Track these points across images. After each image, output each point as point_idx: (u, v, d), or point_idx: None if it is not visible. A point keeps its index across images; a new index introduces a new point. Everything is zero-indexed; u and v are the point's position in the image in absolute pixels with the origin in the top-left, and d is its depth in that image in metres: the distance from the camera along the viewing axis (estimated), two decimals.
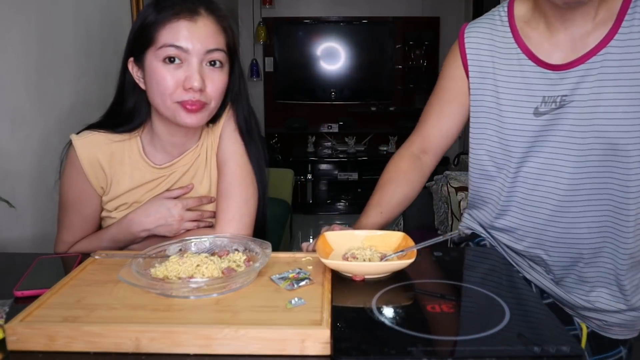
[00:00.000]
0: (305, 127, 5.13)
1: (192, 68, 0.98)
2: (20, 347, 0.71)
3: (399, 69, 5.18)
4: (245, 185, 1.13)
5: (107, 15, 2.11)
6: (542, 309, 0.77)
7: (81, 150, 1.07)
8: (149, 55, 1.00)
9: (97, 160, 1.08)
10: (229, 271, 0.86)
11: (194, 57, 0.99)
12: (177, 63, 0.99)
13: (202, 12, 1.01)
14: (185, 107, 1.00)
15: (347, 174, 5.03)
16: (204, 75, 1.00)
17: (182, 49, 0.98)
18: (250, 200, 1.13)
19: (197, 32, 0.99)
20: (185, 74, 0.99)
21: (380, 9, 5.08)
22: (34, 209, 1.55)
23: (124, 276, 0.83)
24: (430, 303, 0.77)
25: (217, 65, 1.02)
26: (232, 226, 1.10)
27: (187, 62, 0.99)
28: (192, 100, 0.99)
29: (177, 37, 0.98)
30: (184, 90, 0.99)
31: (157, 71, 0.99)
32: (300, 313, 0.77)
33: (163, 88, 0.99)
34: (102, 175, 1.10)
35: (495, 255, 1.01)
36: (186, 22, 0.99)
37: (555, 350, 0.65)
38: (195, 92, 0.99)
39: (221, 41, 1.03)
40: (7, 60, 1.43)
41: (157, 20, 0.99)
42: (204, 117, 1.03)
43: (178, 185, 1.15)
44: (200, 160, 1.15)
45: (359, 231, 1.02)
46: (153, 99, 1.03)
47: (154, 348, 0.71)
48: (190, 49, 0.98)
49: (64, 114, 1.73)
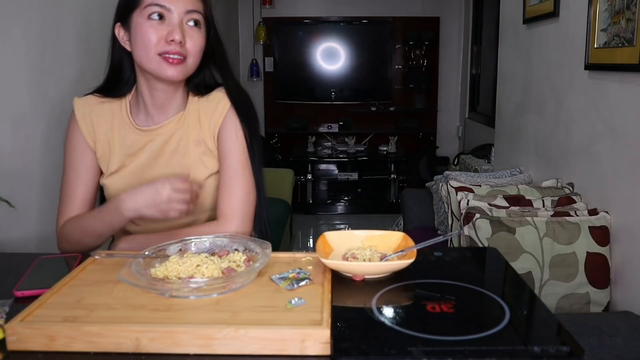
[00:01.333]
0: (305, 127, 5.12)
1: (173, 23, 1.10)
2: (20, 347, 0.71)
3: (399, 69, 5.17)
4: (245, 178, 1.17)
5: (107, 15, 2.11)
6: (542, 309, 0.77)
7: (77, 108, 1.21)
8: (134, 16, 1.11)
9: (89, 116, 1.20)
10: (229, 271, 0.86)
11: (175, 15, 1.10)
12: (160, 20, 1.10)
13: None
14: (167, 59, 1.09)
15: (347, 174, 5.02)
16: (184, 32, 1.11)
17: (165, 7, 1.09)
18: (251, 193, 1.18)
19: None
20: (168, 28, 1.09)
21: (380, 9, 5.08)
22: (34, 209, 1.55)
23: (124, 276, 0.83)
24: (430, 303, 0.77)
25: (195, 25, 1.13)
26: (235, 218, 1.13)
27: (169, 19, 1.10)
28: (174, 51, 1.09)
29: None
30: (166, 43, 1.09)
31: (142, 27, 1.10)
32: (300, 313, 0.77)
33: (147, 41, 1.09)
34: (92, 131, 1.20)
35: (496, 255, 1.01)
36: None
37: (555, 350, 0.65)
38: (176, 44, 1.09)
39: (199, 6, 1.14)
40: (7, 60, 1.43)
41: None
42: (182, 71, 1.12)
43: (162, 152, 1.18)
44: (185, 130, 1.18)
45: (359, 231, 1.02)
46: (136, 54, 1.12)
47: (154, 348, 0.71)
48: (172, 8, 1.10)
49: (64, 114, 1.73)
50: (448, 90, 5.18)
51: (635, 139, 1.61)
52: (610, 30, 1.72)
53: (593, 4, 1.81)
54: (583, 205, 1.87)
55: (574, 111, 2.03)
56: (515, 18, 2.70)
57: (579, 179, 1.99)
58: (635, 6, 1.57)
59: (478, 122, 4.37)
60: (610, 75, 1.76)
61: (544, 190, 2.03)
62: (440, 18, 5.08)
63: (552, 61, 2.24)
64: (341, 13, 5.11)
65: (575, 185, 2.01)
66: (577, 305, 1.71)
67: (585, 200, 1.91)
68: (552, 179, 2.13)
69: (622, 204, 1.70)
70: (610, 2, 1.71)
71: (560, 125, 2.15)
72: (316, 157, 5.04)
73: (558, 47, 2.18)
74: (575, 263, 1.70)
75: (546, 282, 1.71)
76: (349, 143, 5.09)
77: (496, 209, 1.87)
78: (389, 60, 5.12)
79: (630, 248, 1.66)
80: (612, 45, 1.71)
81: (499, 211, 1.84)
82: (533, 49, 2.47)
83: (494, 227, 1.75)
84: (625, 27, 1.63)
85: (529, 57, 2.52)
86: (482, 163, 3.45)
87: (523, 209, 1.87)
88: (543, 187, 2.07)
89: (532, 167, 2.48)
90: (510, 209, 1.87)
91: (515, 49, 2.75)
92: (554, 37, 2.22)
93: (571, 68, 2.04)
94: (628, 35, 1.61)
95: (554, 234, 1.72)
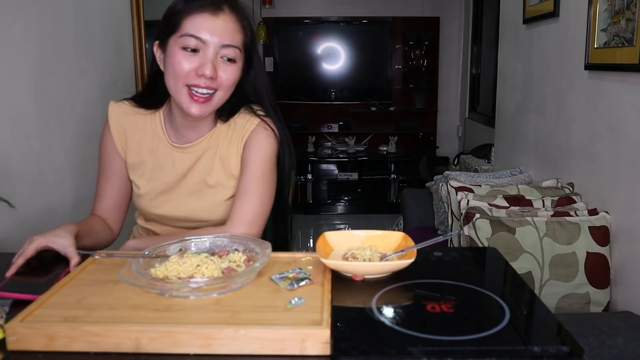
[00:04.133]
0: (305, 127, 5.12)
1: (207, 57, 1.06)
2: (20, 347, 0.71)
3: (399, 69, 5.17)
4: (263, 187, 1.15)
5: (107, 15, 2.11)
6: (542, 309, 0.77)
7: (112, 114, 1.21)
8: (171, 41, 1.09)
9: (123, 125, 1.21)
10: (229, 271, 0.86)
11: (210, 48, 1.07)
12: (194, 52, 1.07)
13: (225, 9, 1.10)
14: (193, 95, 1.07)
15: (347, 174, 5.02)
16: (217, 66, 1.07)
17: (201, 39, 1.06)
18: (266, 202, 1.16)
19: (217, 27, 1.07)
20: (200, 61, 1.06)
21: (380, 9, 5.07)
22: (34, 209, 1.55)
23: (124, 276, 0.83)
24: (430, 303, 0.77)
25: (230, 61, 1.09)
26: (243, 224, 1.12)
27: (203, 52, 1.07)
28: (202, 85, 1.06)
29: (197, 29, 1.06)
30: (197, 76, 1.06)
31: (176, 55, 1.07)
32: (300, 313, 0.77)
33: (178, 71, 1.07)
34: (124, 139, 1.21)
35: (496, 255, 1.01)
36: (209, 16, 1.07)
37: (555, 350, 0.65)
38: (206, 79, 1.06)
39: (238, 39, 1.11)
40: (7, 60, 1.43)
41: (183, 9, 1.08)
42: (210, 108, 1.10)
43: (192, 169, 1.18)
44: (214, 147, 1.18)
45: (359, 231, 1.02)
46: (167, 80, 1.11)
47: (154, 348, 0.71)
48: (208, 41, 1.06)
49: (64, 114, 1.73)
50: (448, 90, 5.18)
51: (635, 139, 1.61)
52: (610, 30, 1.72)
53: (593, 4, 1.81)
54: (583, 205, 1.86)
55: (574, 111, 2.03)
56: (515, 18, 2.70)
57: (579, 179, 1.99)
58: (635, 6, 1.57)
59: (478, 122, 4.37)
60: (610, 75, 1.76)
61: (544, 190, 2.03)
62: (440, 18, 5.07)
63: (552, 61, 2.24)
64: (341, 13, 5.11)
65: (575, 185, 2.01)
66: (577, 305, 1.71)
67: (585, 200, 1.91)
68: (552, 179, 2.13)
69: (622, 204, 1.70)
70: (610, 2, 1.71)
71: (560, 125, 2.15)
72: (316, 157, 5.04)
73: (558, 47, 2.18)
74: (575, 263, 1.70)
75: (546, 282, 1.71)
76: (349, 143, 5.08)
77: (496, 209, 1.86)
78: (389, 60, 5.12)
79: (630, 248, 1.66)
80: (612, 45, 1.71)
81: (499, 211, 1.84)
82: (533, 49, 2.47)
83: (494, 227, 1.75)
84: (625, 27, 1.63)
85: (529, 57, 2.52)
86: (482, 163, 3.45)
87: (523, 209, 1.87)
88: (543, 187, 2.07)
89: (532, 167, 2.48)
90: (510, 209, 1.87)
91: (515, 49, 2.75)
92: (554, 37, 2.22)
93: (571, 68, 2.04)
94: (628, 35, 1.61)
95: (554, 234, 1.72)
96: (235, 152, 1.17)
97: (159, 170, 1.20)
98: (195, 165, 1.18)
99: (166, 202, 1.19)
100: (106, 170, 1.23)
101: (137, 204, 1.24)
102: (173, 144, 1.19)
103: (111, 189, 1.23)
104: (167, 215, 1.20)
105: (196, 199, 1.18)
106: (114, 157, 1.22)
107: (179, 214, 1.19)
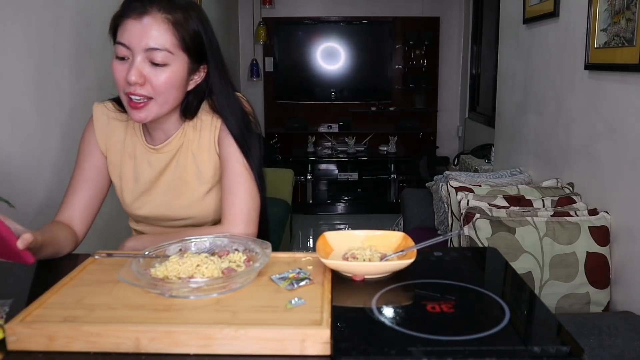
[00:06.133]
0: (305, 127, 5.12)
1: (133, 63, 1.03)
2: (20, 347, 0.71)
3: (399, 69, 5.17)
4: (249, 182, 1.15)
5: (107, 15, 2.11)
6: (542, 309, 0.77)
7: (96, 113, 1.22)
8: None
9: (106, 124, 1.21)
10: (229, 271, 0.86)
11: (135, 54, 1.04)
12: (124, 59, 1.05)
13: (152, 11, 1.04)
14: (130, 102, 1.06)
15: (347, 174, 5.02)
16: (145, 71, 1.04)
17: (126, 46, 1.04)
18: (255, 196, 1.16)
19: (139, 31, 1.03)
20: (128, 68, 1.04)
21: (380, 9, 5.07)
22: (34, 209, 1.55)
23: (124, 276, 0.83)
24: (430, 303, 0.77)
25: (158, 64, 1.04)
26: (240, 222, 1.12)
27: (131, 58, 1.04)
28: (134, 92, 1.04)
29: (122, 35, 1.05)
30: (128, 84, 1.04)
31: (113, 65, 1.07)
32: (300, 313, 0.77)
33: (116, 80, 1.07)
34: (106, 137, 1.21)
35: (496, 255, 1.01)
36: (132, 21, 1.04)
37: (555, 350, 0.65)
38: (134, 85, 1.04)
39: (165, 40, 1.04)
40: (7, 60, 1.43)
41: (116, 17, 1.08)
42: (150, 113, 1.08)
43: (167, 168, 1.18)
44: (186, 144, 1.18)
45: (359, 231, 1.02)
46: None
47: (154, 348, 0.71)
48: (132, 46, 1.03)
49: (64, 114, 1.73)
50: (448, 90, 5.18)
51: (635, 139, 1.61)
52: (610, 30, 1.72)
53: (593, 4, 1.81)
54: (583, 205, 1.86)
55: (574, 111, 2.03)
56: (515, 18, 2.70)
57: (578, 179, 1.99)
58: (635, 6, 1.57)
59: (478, 122, 4.37)
60: (610, 75, 1.76)
61: (544, 190, 2.03)
62: (440, 18, 5.07)
63: (552, 61, 2.24)
64: (341, 13, 5.11)
65: (575, 185, 2.01)
66: (577, 305, 1.71)
67: (585, 200, 1.91)
68: (552, 179, 2.13)
69: (622, 204, 1.70)
70: (610, 2, 1.71)
71: (560, 125, 2.15)
72: (316, 157, 5.04)
73: (558, 47, 2.18)
74: (575, 263, 1.70)
75: (546, 282, 1.71)
76: (349, 143, 5.08)
77: (496, 209, 1.86)
78: (389, 60, 5.12)
79: (630, 248, 1.66)
80: (612, 45, 1.71)
81: (499, 211, 1.84)
82: (533, 49, 2.47)
83: (494, 227, 1.75)
84: (625, 27, 1.63)
85: (529, 57, 2.52)
86: (482, 163, 3.45)
87: (523, 209, 1.87)
88: (543, 187, 2.07)
89: (532, 167, 2.48)
90: (510, 209, 1.87)
91: (515, 49, 2.75)
92: (554, 37, 2.22)
93: (571, 68, 2.04)
94: (628, 35, 1.61)
95: (554, 234, 1.72)
96: (207, 146, 1.18)
97: (139, 172, 1.20)
98: (169, 164, 1.19)
99: (147, 202, 1.20)
100: (83, 166, 1.20)
101: (123, 207, 1.24)
102: (148, 145, 1.20)
103: (85, 191, 1.19)
104: (149, 216, 1.21)
105: (174, 197, 1.19)
106: (95, 150, 1.21)
107: (158, 213, 1.20)
